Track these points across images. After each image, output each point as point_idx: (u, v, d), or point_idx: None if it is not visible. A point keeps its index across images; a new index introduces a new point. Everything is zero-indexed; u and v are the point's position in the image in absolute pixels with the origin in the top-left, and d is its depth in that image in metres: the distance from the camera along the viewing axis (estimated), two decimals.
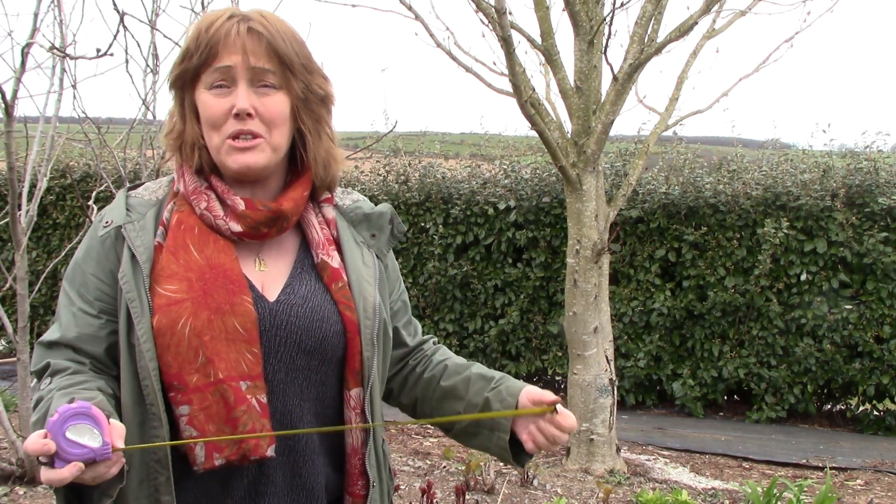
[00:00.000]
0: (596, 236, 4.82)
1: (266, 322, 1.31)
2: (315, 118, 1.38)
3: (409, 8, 5.05)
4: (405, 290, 1.56)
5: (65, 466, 1.10)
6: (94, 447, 1.11)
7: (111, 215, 1.36)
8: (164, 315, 1.26)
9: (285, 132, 1.35)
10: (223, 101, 1.30)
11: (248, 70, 1.29)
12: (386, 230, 1.47)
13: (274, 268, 1.38)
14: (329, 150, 1.40)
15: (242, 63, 1.29)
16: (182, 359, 1.25)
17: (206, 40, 1.29)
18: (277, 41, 1.30)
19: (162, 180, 1.44)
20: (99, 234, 1.34)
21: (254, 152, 1.32)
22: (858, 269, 6.68)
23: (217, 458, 1.26)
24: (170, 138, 1.38)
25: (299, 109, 1.35)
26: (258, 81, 1.31)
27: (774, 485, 3.88)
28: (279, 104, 1.32)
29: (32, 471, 4.10)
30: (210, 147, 1.34)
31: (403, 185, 7.97)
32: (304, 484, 1.35)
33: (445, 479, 4.66)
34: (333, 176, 1.43)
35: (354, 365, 1.36)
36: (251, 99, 1.30)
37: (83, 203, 4.92)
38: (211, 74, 1.30)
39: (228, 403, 1.25)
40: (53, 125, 4.07)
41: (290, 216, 1.37)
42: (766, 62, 5.77)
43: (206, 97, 1.31)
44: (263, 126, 1.32)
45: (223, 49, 1.29)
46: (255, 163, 1.32)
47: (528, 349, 7.50)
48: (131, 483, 1.27)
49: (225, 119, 1.31)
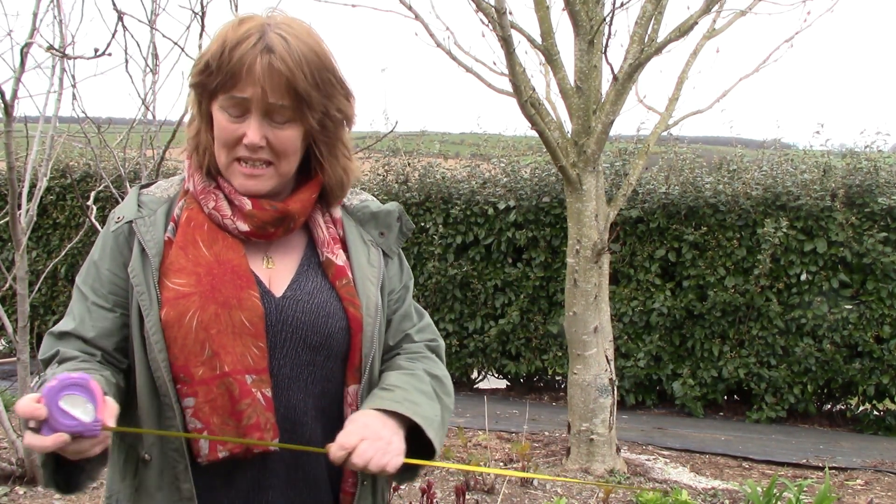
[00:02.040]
0: (596, 236, 4.82)
1: (272, 317, 1.33)
2: (330, 142, 1.38)
3: (409, 8, 5.04)
4: (410, 290, 1.54)
5: (50, 435, 1.08)
6: (85, 421, 1.10)
7: (122, 211, 1.38)
8: (172, 308, 1.28)
9: (294, 160, 1.36)
10: (236, 126, 1.31)
11: (264, 104, 1.29)
12: (394, 228, 1.49)
13: (281, 265, 1.40)
14: (345, 167, 1.42)
15: (259, 97, 1.29)
16: (188, 351, 1.27)
17: (227, 64, 1.28)
18: (297, 78, 1.28)
19: (174, 179, 1.46)
20: (111, 230, 1.37)
21: (260, 180, 1.34)
22: (858, 269, 6.68)
23: (220, 450, 1.28)
24: (190, 131, 1.40)
25: (314, 137, 1.36)
26: (272, 114, 1.31)
27: (774, 485, 3.88)
28: (290, 137, 1.33)
29: (32, 471, 4.10)
30: (218, 161, 1.36)
31: (403, 185, 7.97)
32: (306, 478, 1.37)
33: (445, 478, 4.66)
34: (347, 186, 1.44)
35: (355, 361, 1.38)
36: (263, 130, 1.31)
37: (83, 203, 4.92)
38: (227, 100, 1.31)
39: (233, 396, 1.27)
40: (53, 125, 4.07)
41: (297, 217, 1.38)
42: (766, 62, 5.77)
43: (221, 117, 1.32)
44: (273, 155, 1.33)
45: (243, 79, 1.28)
46: (258, 189, 1.34)
47: (528, 349, 7.50)
48: (152, 472, 1.31)
49: (235, 144, 1.32)
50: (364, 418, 1.30)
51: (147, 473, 1.32)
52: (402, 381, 1.38)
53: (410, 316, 1.51)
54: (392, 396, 1.34)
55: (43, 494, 4.02)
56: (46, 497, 3.99)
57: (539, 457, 5.22)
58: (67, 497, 4.01)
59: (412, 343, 1.49)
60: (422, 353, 1.48)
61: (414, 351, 1.48)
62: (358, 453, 1.25)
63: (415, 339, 1.49)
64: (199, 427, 1.28)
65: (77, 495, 4.03)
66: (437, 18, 14.05)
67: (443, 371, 1.48)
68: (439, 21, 13.05)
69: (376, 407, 1.32)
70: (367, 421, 1.29)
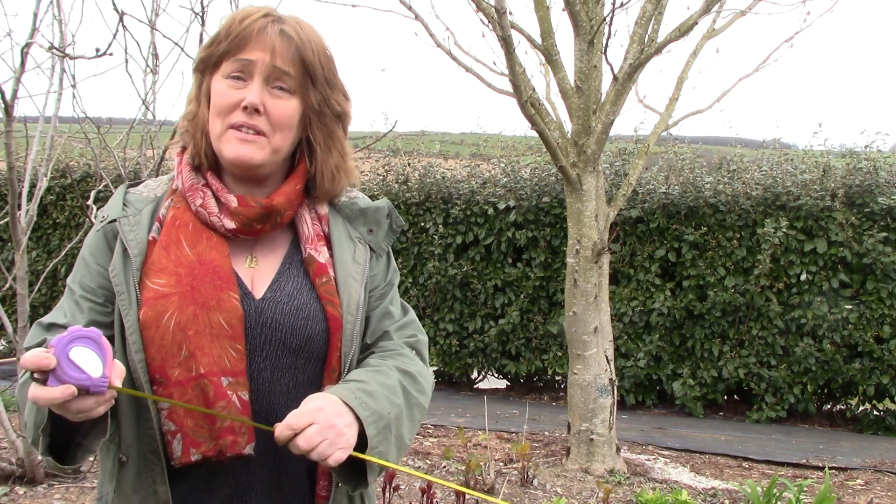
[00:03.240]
0: (596, 236, 4.82)
1: (252, 319, 1.32)
2: (327, 132, 1.38)
3: (409, 8, 5.04)
4: (395, 287, 1.49)
5: (58, 386, 1.04)
6: (93, 376, 1.06)
7: (108, 210, 1.38)
8: (151, 308, 1.27)
9: (289, 137, 1.35)
10: (235, 92, 1.31)
11: (268, 68, 1.30)
12: (384, 225, 1.47)
13: (265, 264, 1.39)
14: (339, 165, 1.41)
15: (265, 60, 1.30)
16: (165, 352, 1.26)
17: (237, 31, 1.31)
18: (306, 49, 1.32)
19: (162, 178, 1.45)
20: (97, 230, 1.37)
21: (252, 147, 1.32)
22: (858, 269, 6.68)
23: (194, 453, 1.26)
24: (185, 121, 1.40)
25: (311, 120, 1.36)
26: (274, 81, 1.32)
27: (774, 484, 3.88)
28: (289, 108, 1.33)
29: (32, 470, 4.10)
30: (212, 133, 1.35)
31: (403, 185, 7.97)
32: (290, 484, 1.35)
33: (445, 478, 4.66)
34: (340, 189, 1.44)
35: (332, 362, 1.36)
36: (262, 96, 1.31)
37: (83, 203, 4.92)
38: (231, 64, 1.31)
39: (208, 399, 1.25)
40: (53, 125, 4.07)
41: (282, 211, 1.37)
42: (766, 62, 5.77)
43: (221, 85, 1.33)
44: (269, 125, 1.32)
45: (251, 43, 1.30)
46: (250, 157, 1.32)
47: (528, 349, 7.50)
48: (129, 474, 1.29)
49: (232, 109, 1.32)
50: (320, 401, 1.23)
51: (124, 475, 1.30)
52: (362, 375, 1.32)
53: (391, 314, 1.46)
54: (346, 387, 1.28)
55: (43, 494, 4.02)
56: (46, 497, 3.99)
57: (539, 457, 5.22)
58: (67, 497, 4.01)
59: (389, 341, 1.43)
60: (396, 351, 1.41)
61: (389, 349, 1.42)
62: (305, 436, 1.19)
63: (393, 336, 1.43)
64: (174, 429, 1.26)
65: (77, 495, 4.03)
66: (437, 18, 14.07)
67: (418, 367, 1.41)
68: (439, 21, 13.05)
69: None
70: (323, 405, 1.22)
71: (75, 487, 4.13)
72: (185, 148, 1.41)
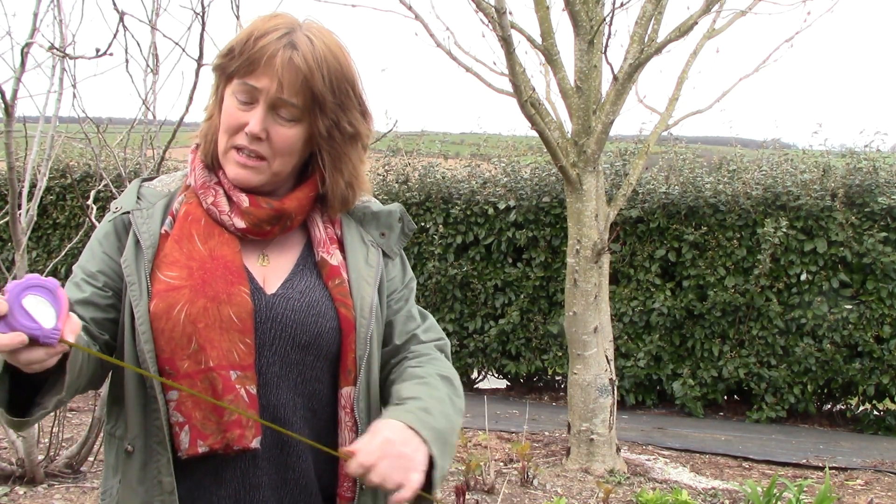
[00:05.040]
0: (596, 236, 4.82)
1: (262, 314, 1.32)
2: (335, 154, 1.37)
3: (409, 8, 5.05)
4: (413, 290, 1.52)
5: (8, 333, 1.01)
6: (45, 326, 1.03)
7: (122, 202, 1.39)
8: (162, 300, 1.28)
9: (291, 161, 1.36)
10: (242, 114, 1.32)
11: (273, 98, 1.30)
12: (396, 229, 1.48)
13: (277, 263, 1.39)
14: (350, 183, 1.40)
15: (271, 91, 1.29)
16: (175, 344, 1.27)
17: (249, 52, 1.29)
18: (315, 79, 1.29)
19: (177, 174, 1.46)
20: (109, 219, 1.38)
21: (252, 172, 1.33)
22: (858, 268, 6.68)
23: (201, 445, 1.27)
24: (205, 116, 1.41)
25: (320, 144, 1.36)
26: (279, 108, 1.31)
27: (774, 484, 3.88)
28: (291, 137, 1.33)
29: (32, 470, 4.10)
30: (218, 146, 1.36)
31: (403, 184, 7.98)
32: (297, 479, 1.36)
33: (445, 478, 4.66)
34: (352, 203, 1.43)
35: (347, 363, 1.36)
36: (266, 123, 1.31)
37: (83, 203, 4.92)
38: (240, 86, 1.31)
39: (216, 391, 1.26)
40: (53, 125, 4.07)
41: (293, 215, 1.38)
42: (766, 62, 5.78)
43: (230, 102, 1.33)
44: (270, 150, 1.33)
45: (260, 69, 1.29)
46: (248, 181, 1.34)
47: (528, 349, 7.50)
48: (135, 464, 1.30)
49: (237, 131, 1.32)
50: (387, 432, 1.23)
51: (130, 466, 1.31)
52: (416, 391, 1.34)
53: (414, 317, 1.48)
54: (405, 409, 1.29)
55: (43, 494, 4.02)
56: (46, 497, 3.99)
57: (539, 457, 5.22)
58: (67, 497, 4.01)
59: (420, 344, 1.45)
60: (431, 355, 1.44)
61: (423, 353, 1.44)
62: (377, 473, 1.19)
63: (422, 339, 1.46)
64: (182, 421, 1.27)
65: (77, 495, 4.03)
66: (437, 18, 14.08)
67: (452, 371, 1.43)
68: (439, 21, 13.06)
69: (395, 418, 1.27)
70: (390, 436, 1.22)
71: (75, 487, 4.13)
72: (199, 145, 1.42)
